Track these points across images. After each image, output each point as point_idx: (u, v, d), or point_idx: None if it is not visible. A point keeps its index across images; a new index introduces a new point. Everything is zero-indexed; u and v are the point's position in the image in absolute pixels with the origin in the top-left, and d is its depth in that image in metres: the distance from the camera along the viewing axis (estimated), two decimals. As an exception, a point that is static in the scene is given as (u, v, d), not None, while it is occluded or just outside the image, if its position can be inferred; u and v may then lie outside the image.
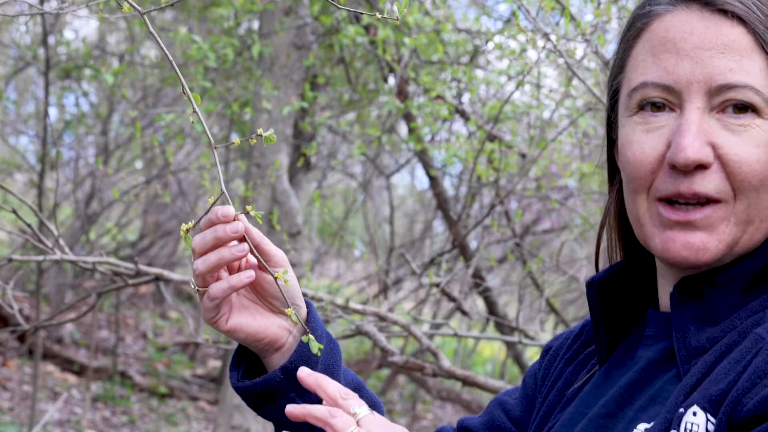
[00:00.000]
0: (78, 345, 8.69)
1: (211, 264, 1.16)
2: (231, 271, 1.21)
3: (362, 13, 1.08)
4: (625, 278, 1.17)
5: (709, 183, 1.00)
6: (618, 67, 1.11)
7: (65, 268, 8.22)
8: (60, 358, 8.13)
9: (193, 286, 1.20)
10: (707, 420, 0.93)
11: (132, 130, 7.60)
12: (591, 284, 1.15)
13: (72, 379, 7.98)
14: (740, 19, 1.01)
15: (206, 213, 1.16)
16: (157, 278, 3.12)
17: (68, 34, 11.08)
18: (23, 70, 8.57)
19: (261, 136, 1.13)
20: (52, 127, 7.61)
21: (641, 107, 1.05)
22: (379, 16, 1.14)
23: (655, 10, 1.06)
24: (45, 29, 6.20)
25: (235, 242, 1.16)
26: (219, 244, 1.15)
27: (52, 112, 8.64)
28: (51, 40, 6.89)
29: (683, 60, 1.01)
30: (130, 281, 3.09)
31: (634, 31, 1.09)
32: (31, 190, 9.01)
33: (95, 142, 8.59)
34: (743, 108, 1.00)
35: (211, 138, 1.12)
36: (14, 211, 2.84)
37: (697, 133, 1.00)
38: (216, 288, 1.17)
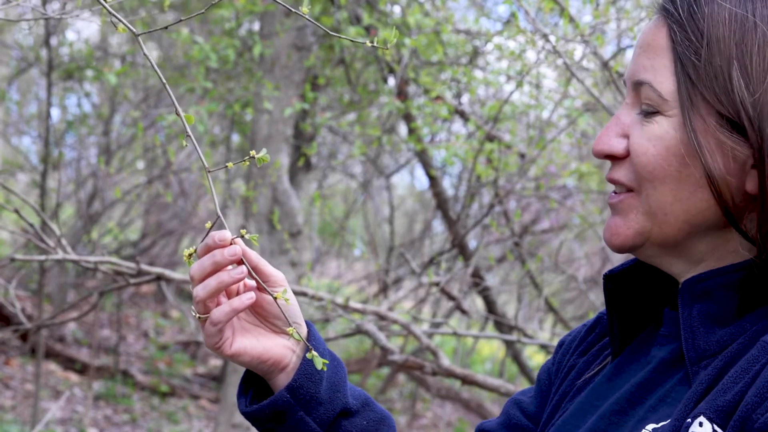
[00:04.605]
0: (80, 344, 8.72)
1: (212, 289, 1.16)
2: (229, 296, 1.21)
3: (355, 40, 1.11)
4: (646, 273, 1.17)
5: (619, 172, 1.06)
6: None
7: (67, 267, 8.26)
8: (62, 357, 8.16)
9: (194, 314, 1.19)
10: (714, 431, 0.93)
11: (134, 130, 7.63)
12: (608, 277, 1.17)
13: (74, 377, 8.01)
14: (665, 20, 1.05)
15: (203, 239, 1.17)
16: (159, 278, 3.15)
17: (70, 36, 11.13)
18: (26, 71, 8.60)
19: (254, 157, 1.16)
20: (54, 128, 7.64)
21: None
22: (369, 44, 1.17)
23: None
24: (47, 30, 6.23)
25: (233, 266, 1.17)
26: (217, 268, 1.16)
27: (55, 112, 8.67)
28: (53, 41, 6.92)
29: (632, 58, 1.09)
30: (132, 281, 3.12)
31: None
32: (33, 190, 9.04)
33: (97, 143, 8.62)
34: (649, 113, 1.05)
35: (205, 163, 1.14)
36: (17, 211, 2.87)
37: (612, 125, 1.06)
38: (218, 313, 1.17)
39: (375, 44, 1.15)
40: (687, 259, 1.07)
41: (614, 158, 1.07)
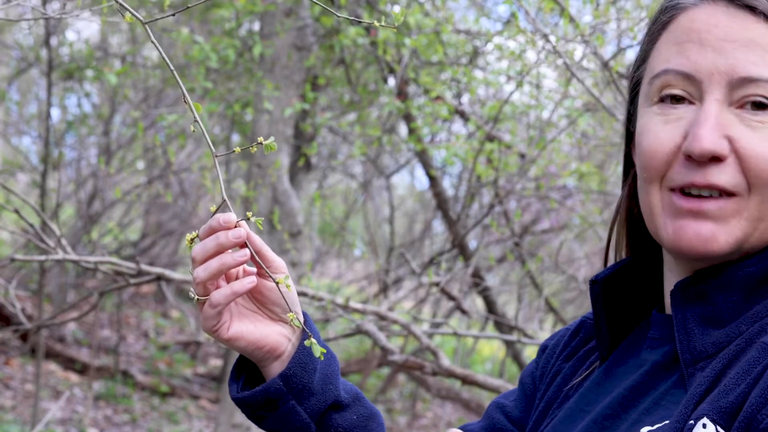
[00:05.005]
0: (80, 344, 8.72)
1: (213, 271, 1.15)
2: (228, 280, 1.20)
3: (360, 21, 1.11)
4: (629, 276, 1.16)
5: (724, 175, 1.00)
6: (641, 60, 1.12)
7: (67, 267, 8.26)
8: (62, 357, 8.16)
9: (192, 296, 1.18)
10: None
11: (134, 130, 7.63)
12: (594, 282, 1.15)
13: (74, 377, 8.01)
14: (765, 16, 1.01)
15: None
16: (159, 278, 3.15)
17: (70, 36, 11.14)
18: (26, 71, 8.60)
19: (261, 144, 1.15)
20: (54, 128, 7.64)
21: (661, 99, 1.05)
22: (377, 24, 1.16)
23: (682, 3, 1.06)
24: (47, 31, 6.24)
25: (236, 248, 1.16)
26: (220, 250, 1.15)
27: (55, 112, 8.67)
28: (53, 41, 6.92)
29: (706, 50, 1.02)
30: (132, 281, 3.12)
31: (659, 24, 1.09)
32: (33, 191, 9.04)
33: (97, 143, 8.62)
34: (762, 105, 1.00)
35: (212, 147, 1.14)
36: (17, 211, 2.87)
37: (714, 124, 1.00)
38: (218, 295, 1.16)
39: (383, 24, 1.15)
40: (741, 256, 1.05)
41: (718, 161, 1.00)
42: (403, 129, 6.47)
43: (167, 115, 4.95)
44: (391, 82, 5.07)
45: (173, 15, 1.02)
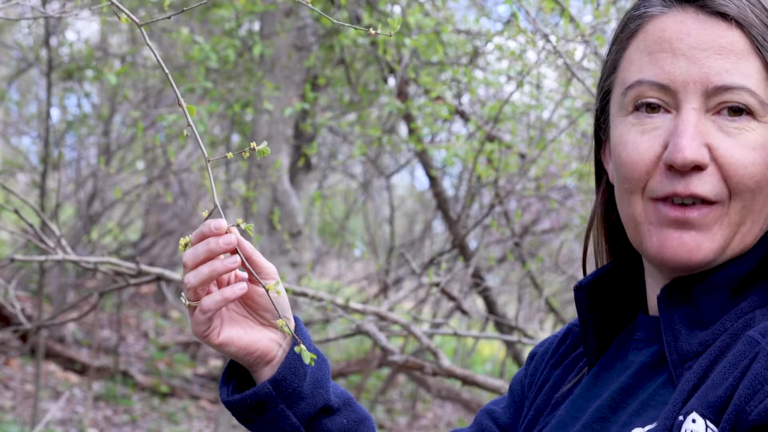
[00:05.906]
0: (80, 344, 8.72)
1: (204, 277, 1.15)
2: (220, 285, 1.20)
3: (354, 27, 1.10)
4: (613, 281, 1.17)
5: (706, 184, 1.00)
6: (610, 69, 1.10)
7: (67, 267, 8.26)
8: (62, 358, 8.16)
9: (183, 301, 1.19)
10: (707, 427, 0.93)
11: (134, 130, 7.63)
12: (578, 288, 1.16)
13: (74, 378, 8.01)
14: (737, 22, 1.01)
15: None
16: (159, 278, 3.15)
17: (70, 36, 11.13)
18: (26, 71, 8.60)
19: (254, 149, 1.15)
20: (54, 128, 7.64)
21: (636, 108, 1.04)
22: (373, 32, 1.16)
23: (650, 11, 1.05)
24: (47, 31, 6.24)
25: (227, 254, 1.16)
26: (211, 256, 1.15)
27: (55, 112, 8.67)
28: (53, 41, 6.92)
29: (679, 59, 1.01)
30: (132, 281, 3.12)
31: (627, 32, 1.08)
32: (33, 191, 9.04)
33: (97, 143, 8.62)
34: (738, 110, 1.00)
35: (204, 152, 1.14)
36: (16, 211, 2.87)
37: (694, 134, 1.00)
38: (209, 301, 1.16)
39: (379, 32, 1.15)
40: (723, 259, 1.05)
41: (699, 169, 1.01)
42: (403, 129, 6.47)
43: (167, 115, 4.94)
44: (391, 82, 5.07)
45: (169, 18, 1.02)
